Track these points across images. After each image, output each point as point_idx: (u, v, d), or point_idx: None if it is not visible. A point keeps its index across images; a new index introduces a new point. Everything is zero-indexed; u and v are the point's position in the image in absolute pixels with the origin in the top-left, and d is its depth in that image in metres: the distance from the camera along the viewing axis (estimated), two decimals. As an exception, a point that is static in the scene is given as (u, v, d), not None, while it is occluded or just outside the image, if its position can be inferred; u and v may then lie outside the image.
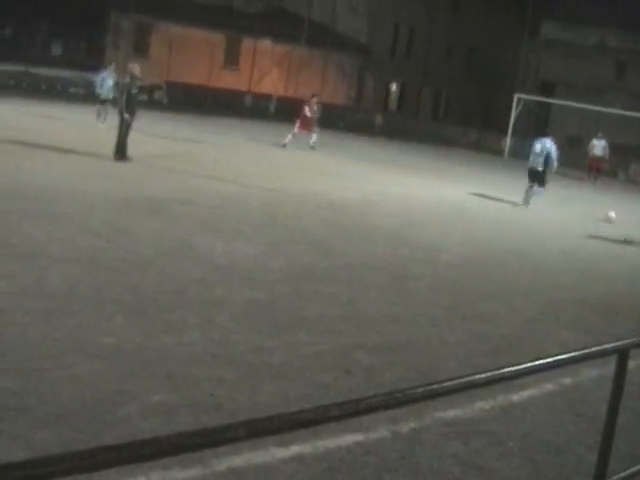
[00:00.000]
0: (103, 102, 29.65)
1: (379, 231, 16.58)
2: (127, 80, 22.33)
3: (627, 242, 20.29)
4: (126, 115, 21.45)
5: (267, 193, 19.37)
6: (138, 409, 6.46)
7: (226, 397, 6.90)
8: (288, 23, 60.00)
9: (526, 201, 25.26)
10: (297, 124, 32.90)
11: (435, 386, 3.71)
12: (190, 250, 12.27)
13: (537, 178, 25.37)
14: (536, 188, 25.43)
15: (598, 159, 38.94)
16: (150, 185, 17.94)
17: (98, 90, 30.31)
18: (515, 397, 7.89)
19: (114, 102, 22.84)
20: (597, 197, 31.79)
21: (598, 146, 39.14)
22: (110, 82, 29.69)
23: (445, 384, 3.75)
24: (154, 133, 26.95)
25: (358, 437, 6.44)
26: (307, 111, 33.13)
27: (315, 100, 33.98)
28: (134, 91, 21.90)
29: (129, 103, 21.58)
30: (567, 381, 8.54)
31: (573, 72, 59.43)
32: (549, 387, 8.32)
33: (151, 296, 9.56)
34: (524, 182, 25.21)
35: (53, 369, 6.98)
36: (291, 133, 32.44)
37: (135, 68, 22.42)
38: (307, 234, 15.05)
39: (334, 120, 52.15)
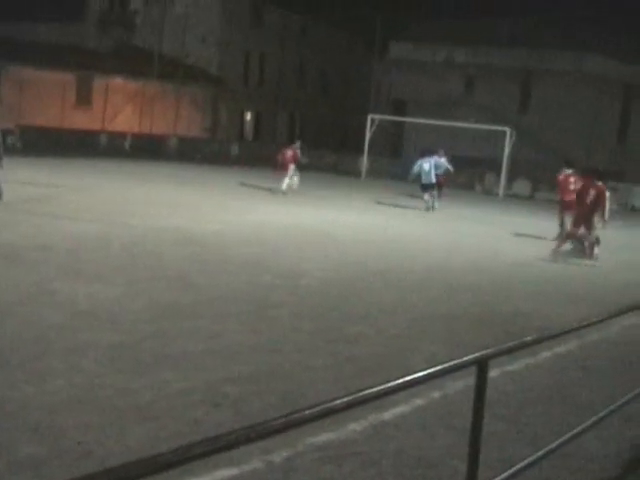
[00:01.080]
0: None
1: (240, 261, 16.54)
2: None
3: None
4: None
5: (127, 232, 19.15)
6: (6, 464, 6.28)
7: (95, 443, 6.76)
8: (139, 59, 59.77)
9: (431, 207, 30.92)
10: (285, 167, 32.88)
11: (296, 415, 3.70)
12: (50, 296, 12.02)
13: (434, 188, 31.38)
14: (435, 194, 31.46)
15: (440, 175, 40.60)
16: (6, 232, 17.52)
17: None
18: (386, 415, 7.94)
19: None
20: (455, 210, 32.37)
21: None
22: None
23: (306, 412, 3.74)
24: (9, 179, 26.35)
25: (232, 471, 6.39)
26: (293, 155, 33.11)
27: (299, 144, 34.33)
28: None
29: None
30: (436, 395, 8.66)
31: (424, 89, 60.45)
32: (419, 402, 8.42)
33: (11, 346, 9.30)
34: (383, 200, 25.61)
35: None
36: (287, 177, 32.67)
37: None
38: (168, 270, 14.91)
39: (190, 153, 52.08)
